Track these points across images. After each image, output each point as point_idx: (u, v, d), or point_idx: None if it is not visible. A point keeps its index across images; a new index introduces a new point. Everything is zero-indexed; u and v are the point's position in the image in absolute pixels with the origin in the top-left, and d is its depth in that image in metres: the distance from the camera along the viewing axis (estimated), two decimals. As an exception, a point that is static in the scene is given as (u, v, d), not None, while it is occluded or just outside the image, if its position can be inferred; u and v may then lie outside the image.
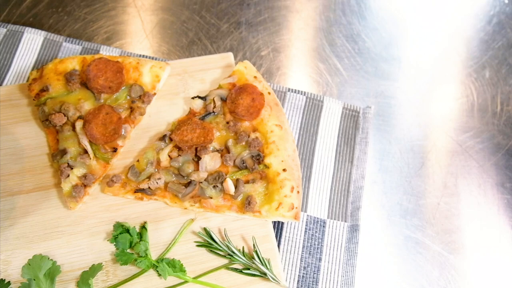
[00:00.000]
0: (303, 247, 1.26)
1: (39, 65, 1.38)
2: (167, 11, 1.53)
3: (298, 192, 1.22)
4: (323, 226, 1.28)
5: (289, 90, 1.42)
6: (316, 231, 1.27)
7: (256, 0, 1.57)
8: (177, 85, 1.34)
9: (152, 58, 1.39)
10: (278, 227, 1.26)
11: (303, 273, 1.23)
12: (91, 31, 1.48)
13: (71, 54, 1.40)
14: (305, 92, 1.42)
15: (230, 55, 1.40)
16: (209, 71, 1.37)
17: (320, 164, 1.35)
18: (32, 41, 1.41)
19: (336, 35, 1.55)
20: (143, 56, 1.40)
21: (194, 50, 1.49)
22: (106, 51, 1.41)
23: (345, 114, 1.41)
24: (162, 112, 1.31)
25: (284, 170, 1.22)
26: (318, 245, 1.26)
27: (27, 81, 1.36)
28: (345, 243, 1.27)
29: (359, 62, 1.52)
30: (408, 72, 1.52)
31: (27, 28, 1.41)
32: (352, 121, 1.41)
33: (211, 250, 1.18)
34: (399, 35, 1.58)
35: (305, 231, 1.27)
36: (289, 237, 1.26)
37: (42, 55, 1.40)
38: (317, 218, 1.29)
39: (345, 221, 1.29)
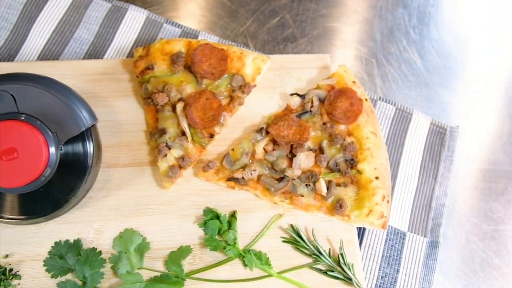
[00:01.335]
0: (382, 256, 1.26)
1: (140, 43, 1.40)
2: (265, 5, 1.54)
3: (388, 201, 1.22)
4: (403, 238, 1.28)
5: (379, 99, 1.42)
6: (395, 242, 1.27)
7: (353, 7, 1.57)
8: (274, 80, 1.35)
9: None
10: (359, 233, 1.26)
11: (380, 282, 1.23)
12: (190, 16, 1.50)
13: (170, 36, 1.42)
14: (395, 103, 1.41)
15: (327, 56, 1.40)
16: (305, 70, 1.37)
17: (404, 176, 1.35)
18: (134, 19, 1.42)
19: (428, 50, 1.54)
20: (239, 46, 1.41)
21: (288, 47, 1.49)
22: (205, 37, 1.42)
23: (432, 130, 1.41)
24: (258, 105, 1.32)
25: (376, 178, 1.22)
26: (396, 256, 1.26)
27: (128, 57, 1.38)
28: (423, 258, 1.26)
29: (449, 80, 1.51)
30: (499, 96, 1.51)
31: (131, 5, 1.43)
32: (438, 138, 1.40)
33: (296, 248, 1.19)
34: (492, 57, 1.57)
35: (385, 241, 1.27)
36: (369, 244, 1.26)
37: (143, 33, 1.41)
38: (398, 229, 1.28)
39: (424, 236, 1.29)
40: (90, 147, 1.11)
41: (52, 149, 1.05)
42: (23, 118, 1.04)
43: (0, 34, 1.36)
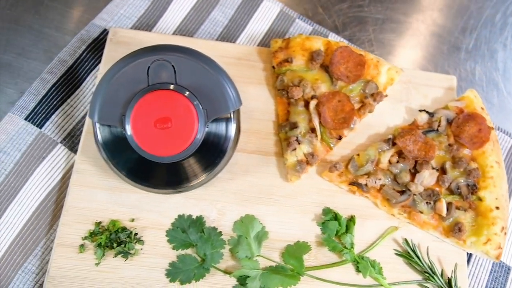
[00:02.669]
0: (486, 287, 1.25)
1: (271, 34, 1.41)
2: (394, 20, 1.54)
3: (505, 233, 1.21)
4: (507, 273, 1.27)
5: (498, 129, 1.41)
6: (500, 275, 1.26)
7: (477, 33, 1.56)
8: (401, 93, 1.35)
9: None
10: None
11: (481, 312, 1.22)
12: (321, 16, 1.50)
13: (300, 32, 1.43)
14: (512, 135, 1.41)
15: (453, 78, 1.39)
16: (432, 88, 1.37)
17: (514, 210, 1.34)
18: (269, 9, 1.44)
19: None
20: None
21: (411, 63, 1.49)
22: (333, 38, 1.43)
23: (546, 169, 1.39)
24: (384, 115, 1.32)
25: (497, 207, 1.21)
26: (499, 289, 1.25)
27: (258, 45, 1.39)
28: (526, 296, 1.26)
29: None
30: None
31: (267, -5, 1.45)
32: (551, 178, 1.39)
33: (408, 262, 1.19)
34: None
35: (490, 272, 1.26)
36: (473, 272, 1.26)
37: (275, 25, 1.43)
38: (504, 263, 1.28)
39: (528, 274, 1.28)
40: (232, 130, 1.12)
41: (201, 125, 1.06)
42: (180, 90, 1.05)
43: (141, 4, 1.39)
